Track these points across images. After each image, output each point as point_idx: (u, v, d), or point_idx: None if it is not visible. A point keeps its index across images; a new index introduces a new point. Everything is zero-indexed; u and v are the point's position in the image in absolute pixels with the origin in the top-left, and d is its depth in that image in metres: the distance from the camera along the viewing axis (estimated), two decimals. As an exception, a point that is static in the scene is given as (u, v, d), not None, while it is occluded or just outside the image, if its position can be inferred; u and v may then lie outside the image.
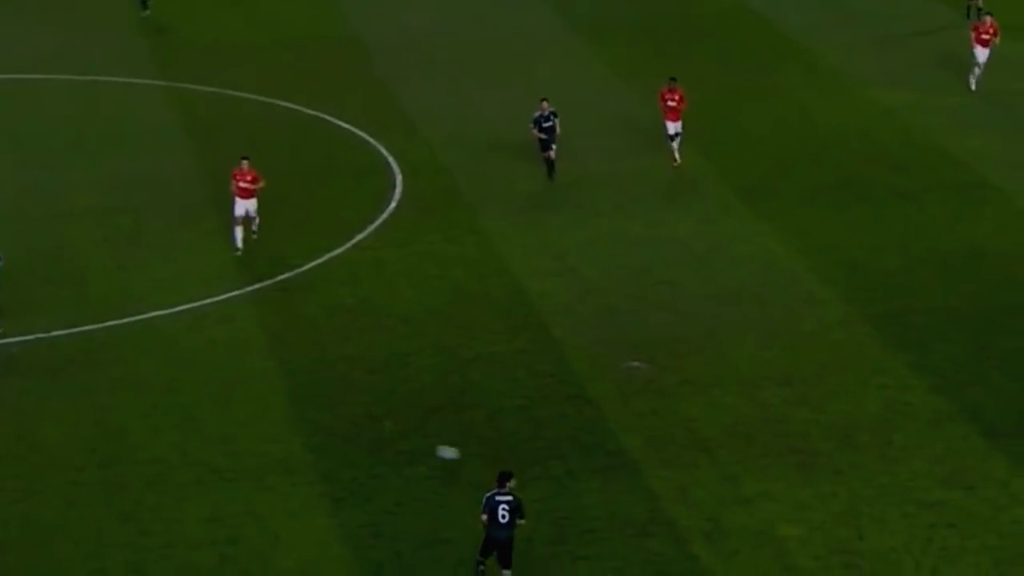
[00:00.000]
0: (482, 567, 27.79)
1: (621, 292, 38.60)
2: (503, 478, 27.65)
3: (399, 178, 45.35)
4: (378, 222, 42.60)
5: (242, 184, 40.65)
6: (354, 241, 41.50)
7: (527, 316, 37.51)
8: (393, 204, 43.73)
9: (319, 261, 40.39)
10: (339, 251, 40.96)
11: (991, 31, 49.49)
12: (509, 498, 27.37)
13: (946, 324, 36.63)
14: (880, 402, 33.46)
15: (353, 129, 48.82)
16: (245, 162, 40.84)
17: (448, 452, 30.90)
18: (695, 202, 43.49)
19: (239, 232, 40.57)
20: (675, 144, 45.00)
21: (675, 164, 44.97)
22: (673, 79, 45.10)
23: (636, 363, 35.20)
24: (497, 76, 53.61)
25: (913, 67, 52.92)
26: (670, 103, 44.94)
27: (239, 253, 40.32)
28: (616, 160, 46.45)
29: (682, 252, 40.60)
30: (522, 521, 27.51)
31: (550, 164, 44.37)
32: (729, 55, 54.97)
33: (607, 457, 31.77)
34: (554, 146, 44.05)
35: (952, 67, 52.36)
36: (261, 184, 40.78)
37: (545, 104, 44.09)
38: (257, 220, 40.84)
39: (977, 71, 49.68)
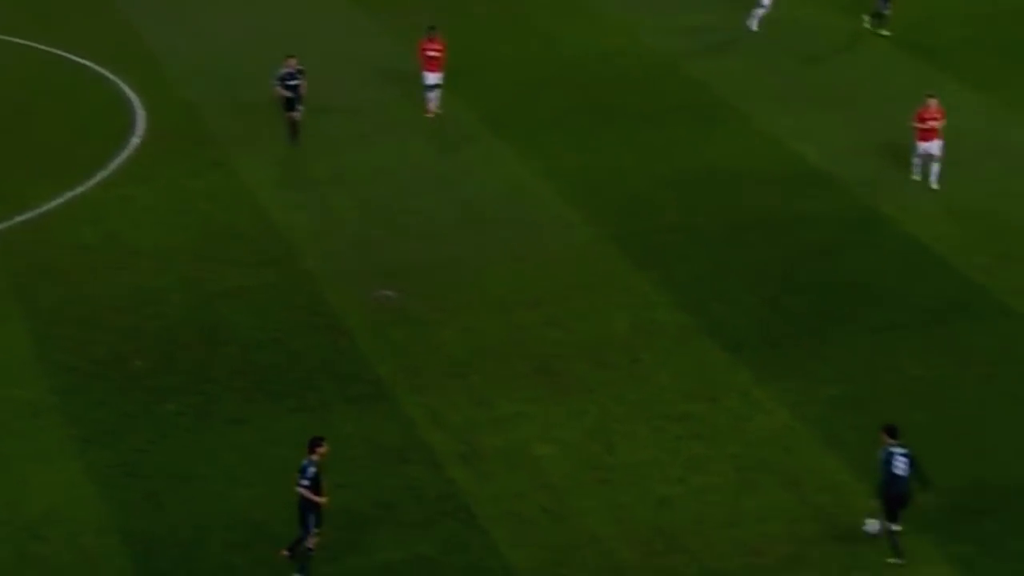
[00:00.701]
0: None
1: (371, 222, 38.50)
2: (311, 444, 26.48)
3: (141, 114, 44.41)
4: (121, 159, 41.72)
5: None
6: (97, 179, 40.59)
7: (277, 249, 37.19)
8: (136, 140, 42.85)
9: (61, 200, 39.41)
10: (82, 190, 40.02)
11: None
12: (303, 461, 26.48)
13: (688, 242, 37.36)
14: (627, 320, 34.03)
15: (92, 65, 47.63)
16: None
17: (872, 526, 26.34)
18: (441, 130, 43.48)
19: None
20: (434, 95, 43.16)
21: (430, 115, 43.11)
22: (433, 28, 43.62)
23: (388, 292, 35.20)
24: (237, 6, 52.79)
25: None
26: (430, 53, 43.12)
27: None
28: (361, 90, 46.17)
29: (430, 180, 40.63)
30: (301, 484, 26.23)
31: (294, 125, 41.71)
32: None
33: (362, 386, 31.76)
34: (300, 107, 41.46)
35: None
36: None
37: (292, 61, 41.47)
38: None
39: (760, 11, 49.08)
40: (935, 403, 30.91)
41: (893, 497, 25.99)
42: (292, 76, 41.51)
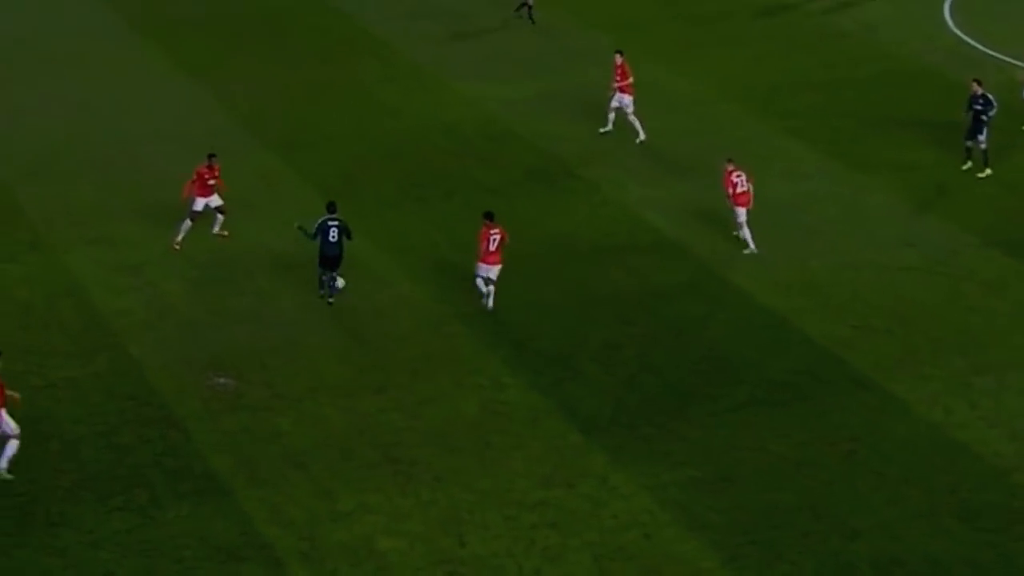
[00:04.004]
0: None
1: (203, 305, 38.10)
2: None
3: (-49, 195, 43.75)
4: (-70, 243, 41.00)
5: None
6: (-95, 265, 39.80)
7: (103, 337, 36.63)
8: (-54, 223, 42.14)
9: None
10: None
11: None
12: None
13: (540, 319, 37.43)
14: (477, 403, 33.95)
15: (-102, 143, 46.84)
16: None
17: (340, 282, 37.73)
18: (276, 207, 43.21)
19: None
20: (185, 227, 40.54)
21: (177, 247, 40.43)
22: (212, 156, 40.88)
23: (223, 379, 34.83)
24: (50, 80, 52.24)
25: (491, 60, 53.91)
26: (210, 181, 40.60)
27: None
28: (188, 165, 45.72)
29: (250, 260, 40.27)
30: None
31: None
32: (305, 49, 55.02)
33: (195, 481, 31.32)
34: None
35: (527, 59, 53.51)
36: None
37: None
38: None
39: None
40: (798, 482, 31.17)
41: (325, 257, 37.40)
42: None
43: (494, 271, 37.05)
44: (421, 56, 54.18)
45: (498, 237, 37.22)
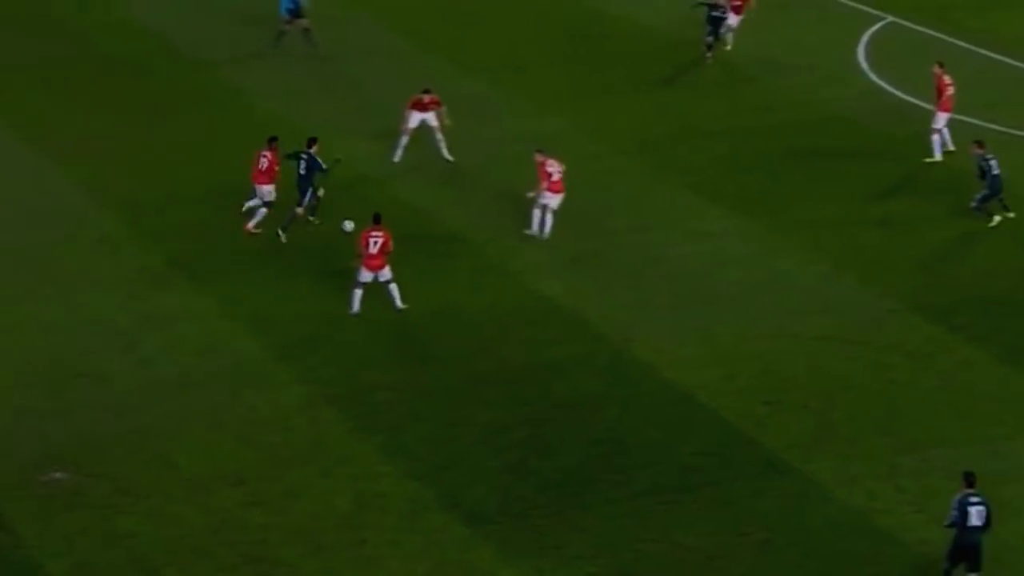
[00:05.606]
0: None
1: (36, 391, 37.67)
2: None
3: None
4: None
5: None
6: None
7: (-80, 427, 36.08)
8: None
9: None
10: None
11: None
12: None
13: (418, 399, 37.31)
14: (349, 496, 33.76)
15: None
16: None
17: (348, 225, 40.96)
18: (120, 276, 42.83)
19: None
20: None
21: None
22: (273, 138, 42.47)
23: (58, 473, 34.43)
24: None
25: (360, 112, 53.75)
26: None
27: None
28: (15, 234, 45.21)
29: (108, 337, 39.94)
30: None
31: None
32: (152, 101, 54.59)
33: (28, 589, 30.91)
34: None
35: (399, 110, 53.47)
36: None
37: None
38: None
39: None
40: (709, 577, 31.18)
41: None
42: None
43: (383, 275, 40.23)
44: (282, 108, 53.93)
45: (380, 240, 40.29)
